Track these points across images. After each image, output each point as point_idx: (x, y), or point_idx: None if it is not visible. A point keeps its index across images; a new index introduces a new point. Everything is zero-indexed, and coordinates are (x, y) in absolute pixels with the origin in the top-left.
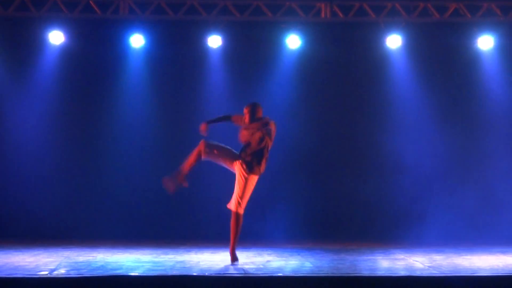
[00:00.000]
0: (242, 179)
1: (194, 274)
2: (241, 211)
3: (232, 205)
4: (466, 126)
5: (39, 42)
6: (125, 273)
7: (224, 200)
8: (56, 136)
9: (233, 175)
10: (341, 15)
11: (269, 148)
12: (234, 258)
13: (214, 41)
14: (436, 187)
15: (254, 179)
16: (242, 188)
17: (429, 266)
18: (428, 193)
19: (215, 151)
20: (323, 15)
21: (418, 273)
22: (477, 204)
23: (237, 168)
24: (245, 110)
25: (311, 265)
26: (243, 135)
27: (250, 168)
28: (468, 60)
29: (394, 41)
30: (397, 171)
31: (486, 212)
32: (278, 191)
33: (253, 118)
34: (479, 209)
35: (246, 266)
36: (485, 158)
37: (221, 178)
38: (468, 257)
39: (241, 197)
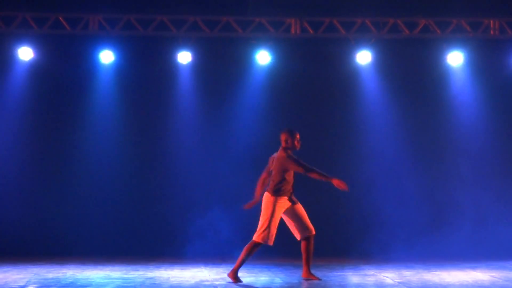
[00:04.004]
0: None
1: None
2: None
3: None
4: (435, 142)
5: (8, 58)
6: None
7: (193, 217)
8: (25, 152)
9: (200, 193)
10: (311, 31)
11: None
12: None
13: (184, 57)
14: (404, 203)
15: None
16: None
17: (399, 282)
18: (396, 209)
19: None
20: (293, 31)
21: None
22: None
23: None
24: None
25: (281, 281)
26: None
27: None
28: (437, 76)
29: (364, 57)
30: (365, 187)
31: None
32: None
33: None
34: (438, 224)
35: (217, 283)
36: (450, 173)
37: (194, 196)
38: (438, 272)
39: None
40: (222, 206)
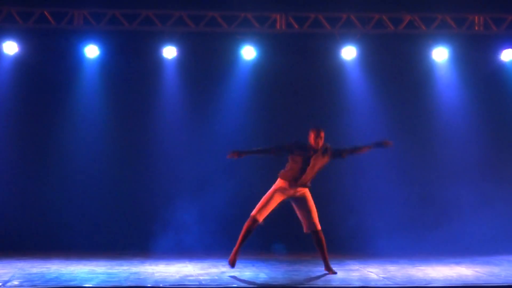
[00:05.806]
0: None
1: (149, 285)
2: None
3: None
4: (419, 137)
5: None
6: (79, 285)
7: (178, 212)
8: (9, 147)
9: (184, 187)
10: (296, 26)
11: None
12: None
13: (169, 52)
14: (389, 198)
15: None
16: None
17: (383, 277)
18: (381, 204)
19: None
20: (278, 26)
21: (372, 284)
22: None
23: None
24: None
25: (266, 276)
26: None
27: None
28: (422, 71)
29: (349, 53)
30: (350, 182)
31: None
32: (233, 202)
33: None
34: (427, 220)
35: (201, 278)
36: (434, 168)
37: (177, 189)
38: (422, 268)
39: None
40: (209, 201)
